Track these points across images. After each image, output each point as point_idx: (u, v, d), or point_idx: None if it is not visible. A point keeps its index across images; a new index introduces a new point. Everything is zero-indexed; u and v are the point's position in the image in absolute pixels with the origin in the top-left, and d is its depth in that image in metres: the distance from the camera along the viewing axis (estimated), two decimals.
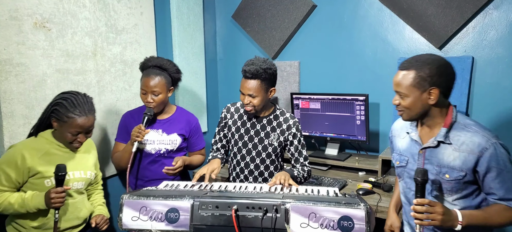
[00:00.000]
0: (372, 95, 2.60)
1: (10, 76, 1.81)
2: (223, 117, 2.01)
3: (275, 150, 1.90)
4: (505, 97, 2.21)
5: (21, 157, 1.58)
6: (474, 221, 1.32)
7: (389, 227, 1.70)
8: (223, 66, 3.34)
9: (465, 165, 1.35)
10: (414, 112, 1.41)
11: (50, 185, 1.62)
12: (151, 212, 1.30)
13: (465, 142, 1.36)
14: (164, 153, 2.07)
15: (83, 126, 1.63)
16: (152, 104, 1.97)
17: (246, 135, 1.92)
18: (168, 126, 2.09)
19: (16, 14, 1.81)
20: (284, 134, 1.89)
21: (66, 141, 1.67)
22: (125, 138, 2.05)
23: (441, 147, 1.41)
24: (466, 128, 1.38)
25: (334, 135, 2.66)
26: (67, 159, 1.70)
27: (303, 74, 2.93)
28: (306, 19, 2.83)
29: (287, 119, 1.90)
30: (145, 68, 2.02)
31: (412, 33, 2.44)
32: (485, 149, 1.32)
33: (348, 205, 1.21)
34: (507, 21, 2.15)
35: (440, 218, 1.26)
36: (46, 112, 1.66)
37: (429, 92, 1.36)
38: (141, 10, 2.48)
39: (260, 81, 1.76)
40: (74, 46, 2.08)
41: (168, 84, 2.02)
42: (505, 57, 2.18)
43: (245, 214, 1.27)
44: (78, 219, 1.77)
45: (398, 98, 1.43)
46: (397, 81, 1.41)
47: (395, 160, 1.61)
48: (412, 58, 1.41)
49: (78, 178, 1.73)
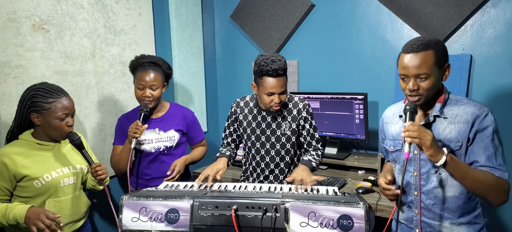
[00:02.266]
0: (371, 93, 2.60)
1: (8, 78, 1.81)
2: (233, 111, 1.99)
3: (289, 139, 1.89)
4: (503, 94, 2.21)
5: (3, 165, 1.54)
6: (456, 162, 1.31)
7: (384, 179, 1.56)
8: (222, 66, 3.35)
9: (460, 135, 1.37)
10: (432, 93, 1.38)
11: (39, 186, 1.59)
12: (151, 213, 1.30)
13: (459, 114, 1.38)
14: (164, 151, 2.08)
15: (68, 107, 1.61)
16: (150, 98, 1.97)
17: (258, 129, 1.91)
18: (164, 124, 2.09)
19: (14, 16, 1.81)
20: (295, 120, 1.87)
21: (53, 132, 1.62)
22: (123, 140, 2.05)
23: (436, 122, 1.42)
24: (458, 102, 1.41)
25: (333, 134, 2.67)
26: (52, 158, 1.66)
27: (302, 73, 2.93)
28: (305, 18, 2.83)
29: (297, 104, 1.88)
30: (138, 66, 2.01)
31: (410, 31, 2.45)
32: (477, 116, 1.35)
33: (347, 204, 1.22)
34: (505, 19, 2.15)
35: (429, 139, 1.26)
36: (22, 112, 1.59)
37: (445, 69, 1.38)
38: (139, 11, 2.48)
39: (286, 76, 1.74)
40: (72, 47, 2.08)
41: (162, 79, 2.03)
42: (503, 54, 2.19)
43: (245, 214, 1.27)
44: (76, 215, 1.75)
45: (416, 82, 1.36)
46: (417, 63, 1.33)
47: (389, 146, 1.60)
48: (418, 40, 1.36)
49: (68, 174, 1.69)
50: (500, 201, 1.34)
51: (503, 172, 1.33)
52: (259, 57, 1.73)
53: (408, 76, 1.37)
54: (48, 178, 1.62)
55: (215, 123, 3.40)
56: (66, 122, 1.63)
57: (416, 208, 1.49)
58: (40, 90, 1.58)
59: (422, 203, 1.47)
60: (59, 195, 1.66)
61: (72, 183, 1.72)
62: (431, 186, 1.44)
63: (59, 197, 1.66)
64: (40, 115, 1.58)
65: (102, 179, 1.72)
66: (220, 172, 1.73)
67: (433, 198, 1.44)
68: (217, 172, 1.72)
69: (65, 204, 1.69)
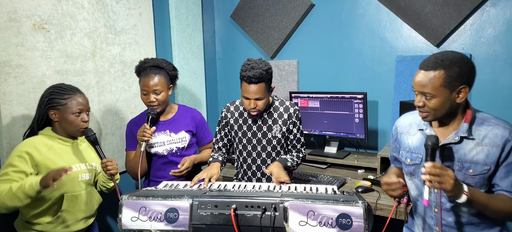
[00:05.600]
0: (371, 93, 2.61)
1: (9, 77, 1.82)
2: (223, 116, 2.01)
3: (279, 142, 1.92)
4: (503, 94, 2.21)
5: (27, 154, 1.60)
6: (477, 197, 1.29)
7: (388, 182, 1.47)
8: (222, 66, 3.35)
9: (489, 158, 1.33)
10: (441, 113, 1.35)
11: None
12: (150, 212, 1.30)
13: (487, 136, 1.34)
14: (176, 152, 2.08)
15: (82, 102, 1.71)
16: (155, 103, 1.97)
17: (249, 132, 1.93)
18: (174, 125, 2.10)
19: (15, 16, 1.82)
20: (286, 124, 1.91)
21: (70, 127, 1.70)
22: (134, 145, 2.05)
23: (463, 142, 1.37)
24: (485, 122, 1.36)
25: (333, 133, 2.67)
26: (71, 153, 1.75)
27: (302, 73, 2.94)
28: (304, 18, 2.84)
29: (288, 108, 1.92)
30: (141, 71, 2.01)
31: (409, 31, 2.45)
32: (508, 140, 1.31)
33: (346, 203, 1.22)
34: (504, 18, 2.16)
35: (452, 183, 1.22)
36: (41, 109, 1.69)
37: (458, 91, 1.31)
38: (140, 11, 2.48)
39: (264, 83, 1.76)
40: (73, 47, 2.09)
41: (167, 82, 2.02)
42: (502, 54, 2.19)
43: (244, 213, 1.27)
44: (89, 210, 1.81)
45: (422, 100, 1.34)
46: (423, 82, 1.32)
47: (405, 158, 1.55)
48: (434, 57, 1.33)
49: (84, 170, 1.77)
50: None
51: None
52: (245, 61, 1.80)
53: (416, 92, 1.36)
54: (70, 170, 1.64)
55: (215, 123, 3.37)
56: (82, 118, 1.72)
57: (436, 225, 1.46)
58: (56, 88, 1.69)
59: (443, 220, 1.44)
60: (76, 189, 1.73)
61: (88, 180, 1.79)
62: (452, 204, 1.41)
63: (76, 191, 1.72)
64: (57, 111, 1.68)
65: (112, 174, 1.76)
66: (214, 176, 1.75)
67: (455, 215, 1.41)
68: (212, 176, 1.74)
69: (81, 198, 1.75)
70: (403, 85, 2.47)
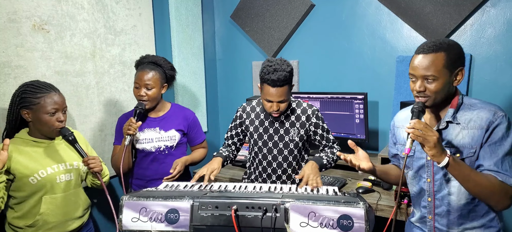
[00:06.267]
0: (371, 93, 2.60)
1: (9, 78, 1.82)
2: (239, 116, 1.97)
3: (297, 145, 1.86)
4: (503, 94, 2.21)
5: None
6: (459, 164, 1.28)
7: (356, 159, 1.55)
8: (222, 66, 3.35)
9: (474, 141, 1.34)
10: (440, 96, 1.35)
11: (35, 182, 1.59)
12: (151, 213, 1.30)
13: (472, 119, 1.35)
14: (164, 150, 2.08)
15: (57, 101, 1.61)
16: (145, 97, 1.97)
17: (265, 134, 1.89)
18: (165, 123, 2.09)
19: (15, 17, 1.81)
20: (304, 127, 1.85)
21: (44, 128, 1.62)
22: (122, 139, 2.05)
23: (449, 127, 1.39)
24: (472, 107, 1.37)
25: (333, 133, 2.66)
26: (47, 154, 1.67)
27: (302, 73, 2.93)
28: (305, 18, 2.83)
29: (305, 110, 1.86)
30: (139, 65, 2.03)
31: (410, 31, 2.45)
32: (491, 122, 1.31)
33: (347, 204, 1.22)
34: (505, 18, 2.15)
35: (434, 140, 1.23)
36: (13, 110, 1.60)
37: (457, 73, 1.34)
38: (139, 11, 2.48)
39: (288, 86, 1.71)
40: (72, 47, 2.08)
41: (162, 80, 2.02)
42: (503, 54, 2.19)
43: (245, 214, 1.27)
44: (73, 212, 1.74)
45: (422, 84, 1.34)
46: (425, 64, 1.32)
47: (401, 151, 1.57)
48: (431, 41, 1.35)
49: (64, 171, 1.69)
50: (502, 206, 1.32)
51: (508, 177, 1.29)
52: (266, 61, 1.70)
53: (416, 77, 1.35)
54: (43, 174, 1.62)
55: (215, 123, 3.40)
56: (57, 118, 1.61)
57: (429, 214, 1.48)
58: (29, 86, 1.58)
59: (436, 209, 1.46)
60: (55, 191, 1.66)
61: (69, 180, 1.71)
62: (444, 193, 1.42)
63: (55, 194, 1.66)
64: (30, 111, 1.58)
65: (96, 171, 1.69)
66: (214, 172, 1.73)
67: (447, 204, 1.42)
68: (212, 172, 1.73)
69: (62, 200, 1.68)
70: (404, 86, 2.47)
